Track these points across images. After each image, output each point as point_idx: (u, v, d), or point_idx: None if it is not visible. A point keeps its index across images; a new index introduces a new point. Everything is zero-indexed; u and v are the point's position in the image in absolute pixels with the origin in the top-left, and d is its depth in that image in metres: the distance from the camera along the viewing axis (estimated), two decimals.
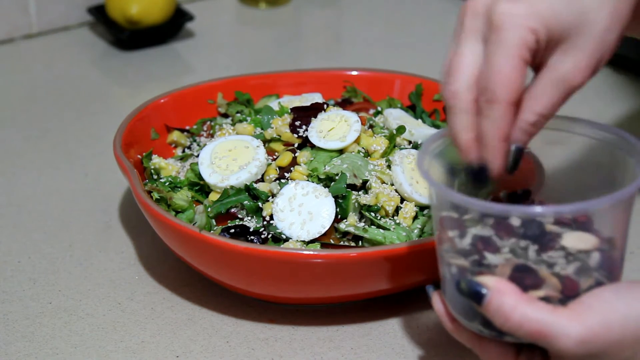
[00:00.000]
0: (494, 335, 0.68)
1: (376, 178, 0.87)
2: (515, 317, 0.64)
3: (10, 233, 0.96)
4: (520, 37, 0.65)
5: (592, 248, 0.67)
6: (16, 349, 0.81)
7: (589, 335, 0.63)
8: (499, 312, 0.65)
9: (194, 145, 0.98)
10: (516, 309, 0.64)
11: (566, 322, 0.64)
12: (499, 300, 0.65)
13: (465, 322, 0.69)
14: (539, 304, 0.65)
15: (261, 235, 0.84)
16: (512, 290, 0.65)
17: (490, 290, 0.65)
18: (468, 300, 0.67)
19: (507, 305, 0.65)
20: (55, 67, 1.30)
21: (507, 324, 0.65)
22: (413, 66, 1.11)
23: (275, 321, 0.84)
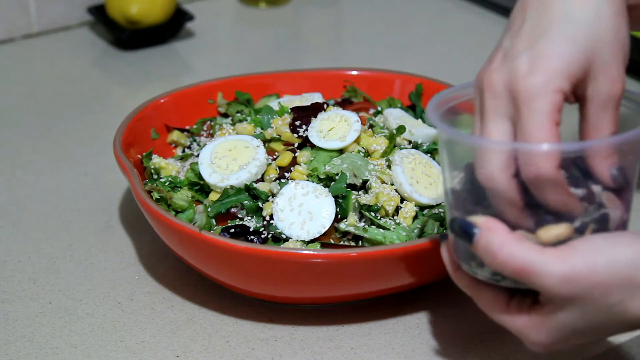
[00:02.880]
0: (487, 277, 0.69)
1: (376, 178, 0.87)
2: (501, 255, 0.66)
3: (10, 233, 0.96)
4: (550, 102, 0.67)
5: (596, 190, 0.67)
6: (16, 349, 0.81)
7: (573, 275, 0.64)
8: (487, 249, 0.66)
9: (194, 145, 0.98)
10: (503, 246, 0.66)
11: (550, 260, 0.64)
12: (487, 238, 0.66)
13: (465, 265, 0.71)
14: (526, 243, 0.66)
15: (261, 235, 0.84)
16: (500, 229, 0.66)
17: (479, 228, 0.67)
18: (461, 239, 0.68)
19: (495, 243, 0.66)
20: (55, 67, 1.30)
21: (494, 262, 0.66)
22: (413, 66, 1.11)
23: (275, 321, 0.84)
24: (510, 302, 0.70)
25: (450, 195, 0.71)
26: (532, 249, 0.65)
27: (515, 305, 0.69)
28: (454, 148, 0.70)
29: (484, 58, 0.74)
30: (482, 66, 0.71)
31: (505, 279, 0.69)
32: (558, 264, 0.64)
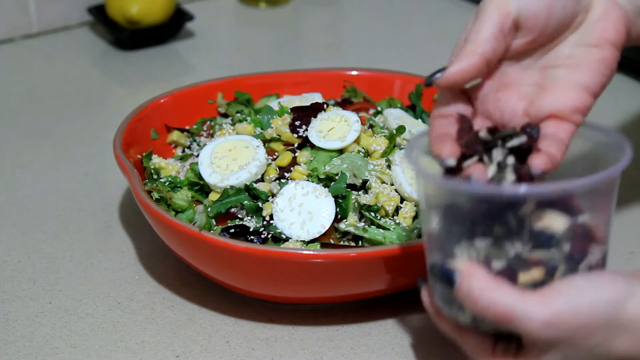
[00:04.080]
0: (469, 322, 0.69)
1: (376, 178, 0.87)
2: (483, 300, 0.65)
3: (10, 233, 0.96)
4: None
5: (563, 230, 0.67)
6: (16, 349, 0.81)
7: (555, 319, 0.64)
8: (468, 295, 0.66)
9: (194, 145, 0.98)
10: (484, 291, 0.65)
11: (532, 305, 0.64)
12: (468, 284, 0.66)
13: (446, 310, 0.70)
14: (507, 288, 0.65)
15: (261, 235, 0.84)
16: (481, 274, 0.66)
17: (460, 274, 0.67)
18: (442, 284, 0.68)
19: (476, 288, 0.66)
20: (55, 67, 1.30)
21: (475, 307, 0.66)
22: (413, 66, 1.11)
23: (275, 321, 0.84)
24: (496, 347, 0.69)
25: (430, 237, 0.71)
26: (513, 294, 0.65)
27: (501, 351, 0.69)
28: (430, 190, 0.70)
29: None
30: None
31: (486, 323, 0.68)
32: (540, 308, 0.64)
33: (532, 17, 0.70)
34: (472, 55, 0.70)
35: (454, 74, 0.70)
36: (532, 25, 0.70)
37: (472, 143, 0.69)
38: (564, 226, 0.67)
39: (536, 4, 0.70)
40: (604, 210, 0.69)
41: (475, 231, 0.68)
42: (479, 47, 0.70)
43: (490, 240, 0.67)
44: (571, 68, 0.71)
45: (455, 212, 0.69)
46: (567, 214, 0.68)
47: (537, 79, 0.72)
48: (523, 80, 0.73)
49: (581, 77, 0.71)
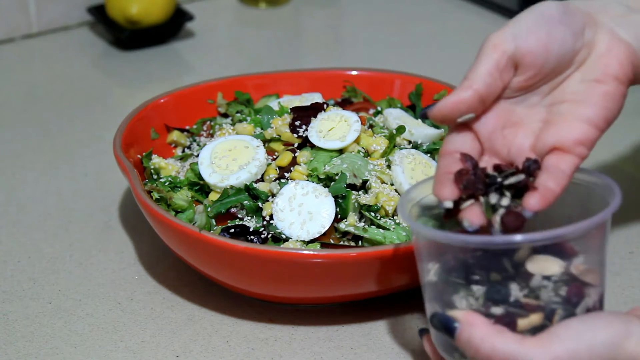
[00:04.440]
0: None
1: (376, 178, 0.87)
2: (484, 348, 0.66)
3: (10, 233, 0.96)
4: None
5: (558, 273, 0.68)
6: (16, 349, 0.81)
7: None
8: (469, 344, 0.67)
9: (194, 145, 0.98)
10: (485, 340, 0.66)
11: (533, 351, 0.65)
12: (468, 333, 0.67)
13: (448, 357, 0.71)
14: (508, 335, 0.66)
15: (261, 235, 0.84)
16: (481, 322, 0.67)
17: (460, 323, 0.68)
18: (442, 334, 0.69)
19: (476, 337, 0.67)
20: (55, 67, 1.30)
21: (477, 355, 0.67)
22: (413, 66, 1.11)
23: (275, 321, 0.84)
24: None
25: (428, 287, 0.72)
26: (514, 341, 0.66)
27: None
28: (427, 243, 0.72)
29: None
30: None
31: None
32: (540, 354, 0.65)
33: (529, 54, 0.71)
34: (465, 90, 0.71)
35: (446, 106, 0.71)
36: (530, 63, 0.71)
37: (473, 183, 0.70)
38: (559, 270, 0.69)
39: (533, 42, 0.71)
40: (597, 252, 0.70)
41: (471, 279, 0.69)
42: (474, 83, 0.71)
43: (487, 286, 0.68)
44: (575, 103, 0.72)
45: (450, 262, 0.70)
46: (561, 258, 0.69)
47: (544, 116, 0.73)
48: (530, 117, 0.73)
49: (584, 111, 0.71)
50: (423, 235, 0.71)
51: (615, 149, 1.09)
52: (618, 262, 0.90)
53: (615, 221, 0.96)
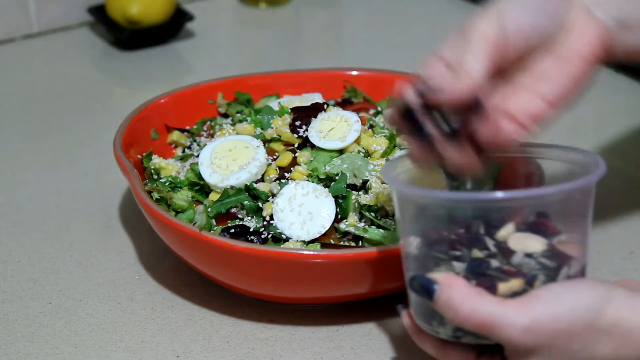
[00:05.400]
0: (449, 335, 0.69)
1: (376, 178, 0.87)
2: (463, 310, 0.66)
3: (10, 233, 0.96)
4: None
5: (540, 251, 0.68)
6: (16, 349, 0.81)
7: (535, 324, 0.64)
8: (448, 305, 0.66)
9: (194, 145, 0.98)
10: (464, 301, 0.66)
11: (512, 312, 0.65)
12: (447, 294, 0.67)
13: (427, 327, 0.71)
14: (487, 296, 0.66)
15: (261, 235, 0.84)
16: (460, 284, 0.67)
17: (439, 284, 0.67)
18: (421, 297, 0.68)
19: (455, 298, 0.66)
20: (55, 67, 1.30)
21: (456, 317, 0.66)
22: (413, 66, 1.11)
23: (275, 321, 0.84)
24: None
25: (409, 260, 0.72)
26: (493, 302, 0.65)
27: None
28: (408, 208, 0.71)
29: None
30: None
31: (467, 335, 0.69)
32: (520, 314, 0.65)
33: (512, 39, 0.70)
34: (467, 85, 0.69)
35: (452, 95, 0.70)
36: (512, 48, 0.71)
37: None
38: (541, 247, 0.68)
39: (516, 26, 0.70)
40: (579, 223, 0.70)
41: (452, 255, 0.69)
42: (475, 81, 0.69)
43: (469, 262, 0.68)
44: (535, 78, 0.72)
45: (432, 236, 0.70)
46: (544, 236, 0.69)
47: (507, 90, 0.73)
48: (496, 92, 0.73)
49: (541, 87, 0.71)
50: (405, 194, 0.70)
51: (615, 148, 1.09)
52: (618, 262, 0.90)
53: (615, 221, 0.96)
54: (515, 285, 0.67)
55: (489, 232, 0.69)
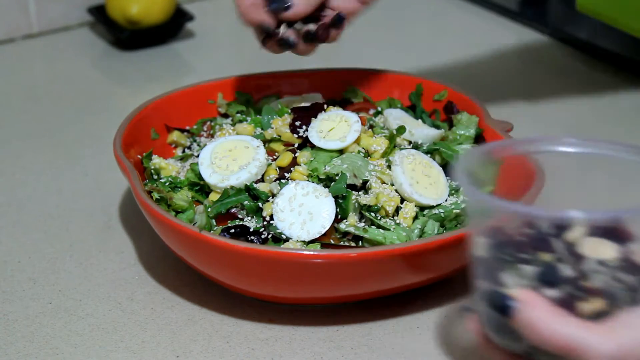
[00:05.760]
0: (523, 350, 0.67)
1: (376, 178, 0.87)
2: (545, 331, 0.63)
3: (10, 233, 0.96)
4: None
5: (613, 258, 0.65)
6: (16, 349, 0.81)
7: (621, 352, 0.62)
8: (528, 325, 0.64)
9: (194, 145, 0.98)
10: (545, 322, 0.63)
11: (597, 337, 0.62)
12: (527, 313, 0.64)
13: (498, 339, 0.68)
14: (570, 318, 0.63)
15: (261, 235, 0.84)
16: (541, 303, 0.64)
17: (519, 302, 0.65)
18: (498, 313, 0.66)
19: (537, 318, 0.64)
20: (55, 67, 1.30)
21: (536, 337, 0.64)
22: (413, 66, 1.11)
23: (275, 321, 0.84)
24: None
25: (476, 262, 0.69)
26: (576, 325, 0.63)
27: None
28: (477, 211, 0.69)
29: (484, 58, 0.74)
30: None
31: (543, 354, 0.66)
32: (605, 340, 0.62)
33: None
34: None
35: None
36: None
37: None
38: (614, 254, 0.65)
39: None
40: None
41: (520, 258, 0.66)
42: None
43: (537, 267, 0.65)
44: None
45: (499, 237, 0.67)
46: (616, 242, 0.66)
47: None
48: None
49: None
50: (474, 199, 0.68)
51: None
52: None
53: None
54: (596, 305, 0.64)
55: (557, 232, 0.66)
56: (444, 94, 1.01)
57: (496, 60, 1.30)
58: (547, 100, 1.19)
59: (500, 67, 1.28)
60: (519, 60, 1.32)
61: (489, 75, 1.25)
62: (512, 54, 1.34)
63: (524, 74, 1.28)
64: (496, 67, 1.28)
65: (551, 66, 1.28)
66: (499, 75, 1.26)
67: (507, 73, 1.27)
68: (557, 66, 1.28)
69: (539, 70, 1.28)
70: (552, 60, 1.30)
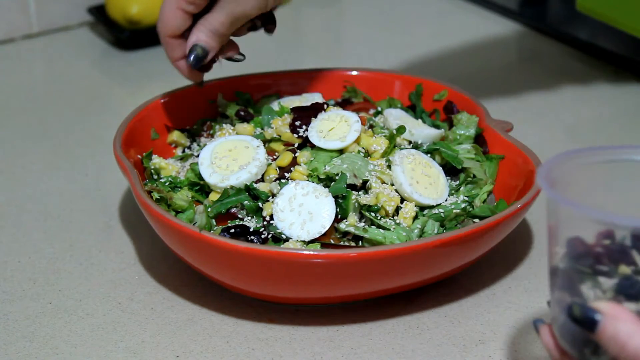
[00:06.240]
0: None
1: (376, 178, 0.87)
2: (632, 345, 0.61)
3: (10, 233, 0.96)
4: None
5: None
6: (16, 349, 0.81)
7: None
8: (614, 339, 0.62)
9: (194, 145, 0.98)
10: (633, 336, 0.61)
11: None
12: (614, 327, 0.62)
13: (575, 353, 0.66)
14: None
15: (261, 235, 0.84)
16: (628, 317, 0.62)
17: (604, 315, 0.63)
18: (580, 327, 0.64)
19: (623, 332, 0.62)
20: (55, 67, 1.30)
21: (623, 353, 0.62)
22: (413, 66, 1.11)
23: (275, 321, 0.84)
24: None
25: (554, 273, 0.67)
26: None
27: None
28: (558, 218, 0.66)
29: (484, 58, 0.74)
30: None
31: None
32: None
33: None
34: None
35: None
36: None
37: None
38: None
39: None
40: None
41: (598, 270, 0.65)
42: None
43: (617, 279, 0.64)
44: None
45: (578, 248, 0.66)
46: None
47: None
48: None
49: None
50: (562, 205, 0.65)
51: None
52: None
53: None
54: None
55: (636, 243, 0.64)
56: (444, 94, 1.01)
57: (496, 60, 1.30)
58: (547, 100, 1.19)
59: (500, 67, 1.28)
60: (519, 60, 1.32)
61: (489, 75, 1.25)
62: (512, 54, 1.34)
63: (524, 74, 1.28)
64: (496, 67, 1.28)
65: (551, 66, 1.28)
66: (499, 75, 1.26)
67: (507, 73, 1.27)
68: (557, 66, 1.28)
69: (538, 70, 1.28)
70: (552, 60, 1.30)
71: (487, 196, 0.91)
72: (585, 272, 0.65)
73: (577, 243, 0.66)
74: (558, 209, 0.66)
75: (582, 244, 0.65)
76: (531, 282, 0.88)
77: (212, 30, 0.92)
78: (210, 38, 0.92)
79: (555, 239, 0.67)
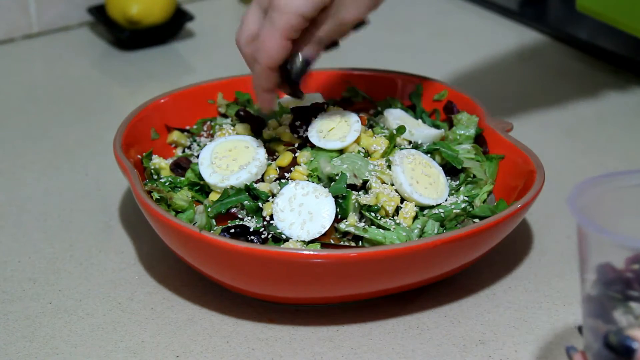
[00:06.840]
0: None
1: (376, 178, 0.87)
2: None
3: (10, 233, 0.96)
4: (287, 21, 0.83)
5: None
6: (16, 349, 0.81)
7: None
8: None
9: (194, 145, 0.98)
10: None
11: None
12: None
13: None
14: None
15: (261, 235, 0.84)
16: None
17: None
18: (616, 355, 0.63)
19: None
20: (55, 67, 1.30)
21: None
22: (413, 66, 1.11)
23: (275, 321, 0.84)
24: None
25: (586, 301, 0.67)
26: None
27: None
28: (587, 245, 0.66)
29: (484, 58, 0.74)
30: None
31: None
32: None
33: None
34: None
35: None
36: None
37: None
38: None
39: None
40: None
41: (629, 295, 0.64)
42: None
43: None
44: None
45: (609, 274, 0.65)
46: None
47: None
48: None
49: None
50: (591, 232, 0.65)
51: (615, 148, 1.09)
52: None
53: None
54: None
55: None
56: (444, 94, 1.01)
57: (496, 60, 1.30)
58: (547, 100, 1.19)
59: (500, 67, 1.28)
60: (519, 60, 1.32)
61: (489, 75, 1.25)
62: (512, 54, 1.34)
63: (524, 74, 1.28)
64: (496, 67, 1.28)
65: (551, 66, 1.28)
66: (499, 75, 1.26)
67: (507, 73, 1.27)
68: (557, 66, 1.28)
69: (539, 70, 1.28)
70: (552, 60, 1.30)
71: (487, 196, 0.91)
72: (616, 298, 0.65)
73: (607, 269, 0.65)
74: (587, 235, 0.66)
75: (612, 270, 0.65)
76: (531, 282, 0.88)
77: (318, 43, 0.87)
78: (316, 50, 0.88)
79: (585, 265, 0.66)
